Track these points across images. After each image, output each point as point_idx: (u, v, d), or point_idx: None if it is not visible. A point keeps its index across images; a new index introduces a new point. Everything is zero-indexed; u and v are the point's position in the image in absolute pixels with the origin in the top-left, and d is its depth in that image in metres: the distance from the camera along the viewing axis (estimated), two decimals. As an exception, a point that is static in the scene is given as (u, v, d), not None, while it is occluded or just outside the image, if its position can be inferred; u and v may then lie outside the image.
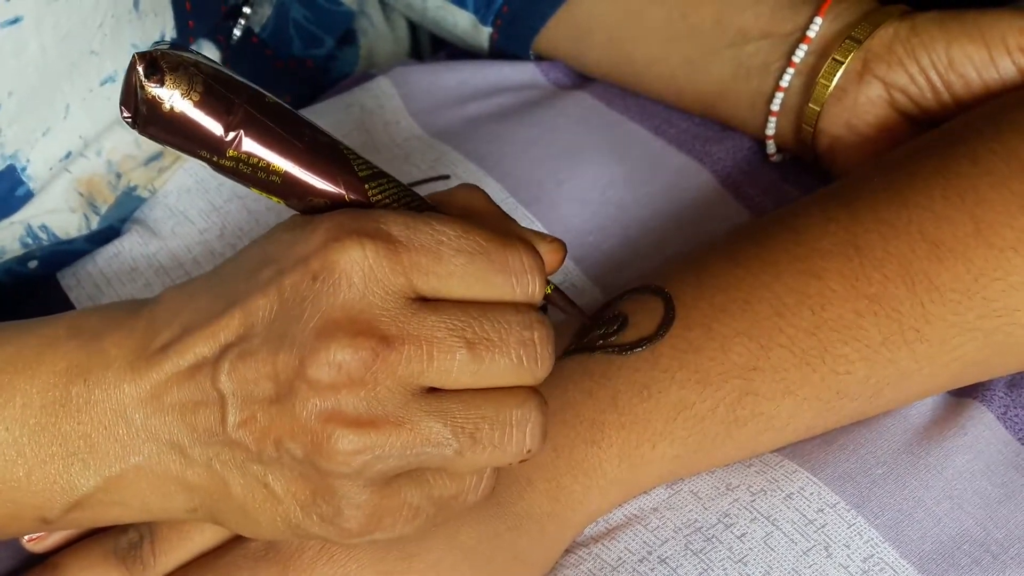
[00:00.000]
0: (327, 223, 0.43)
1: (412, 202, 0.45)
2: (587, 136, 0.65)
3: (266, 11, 0.65)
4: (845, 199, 0.56)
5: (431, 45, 0.73)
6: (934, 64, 0.60)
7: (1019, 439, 0.56)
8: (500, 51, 0.70)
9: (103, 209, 0.60)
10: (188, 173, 0.62)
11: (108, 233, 0.63)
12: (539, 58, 0.70)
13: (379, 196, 0.44)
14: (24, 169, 0.56)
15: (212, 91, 0.41)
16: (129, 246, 0.61)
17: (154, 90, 0.41)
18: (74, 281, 0.61)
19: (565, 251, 0.47)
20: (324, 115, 0.66)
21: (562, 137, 0.64)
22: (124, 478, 0.45)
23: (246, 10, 0.63)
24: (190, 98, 0.41)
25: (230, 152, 0.42)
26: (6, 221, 0.57)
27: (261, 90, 0.43)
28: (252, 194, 0.61)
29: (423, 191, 0.47)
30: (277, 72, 0.68)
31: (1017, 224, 0.54)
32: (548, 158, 0.63)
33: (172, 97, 0.41)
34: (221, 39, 0.63)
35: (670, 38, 0.66)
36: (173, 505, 0.45)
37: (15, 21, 0.51)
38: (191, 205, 0.61)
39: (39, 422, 0.44)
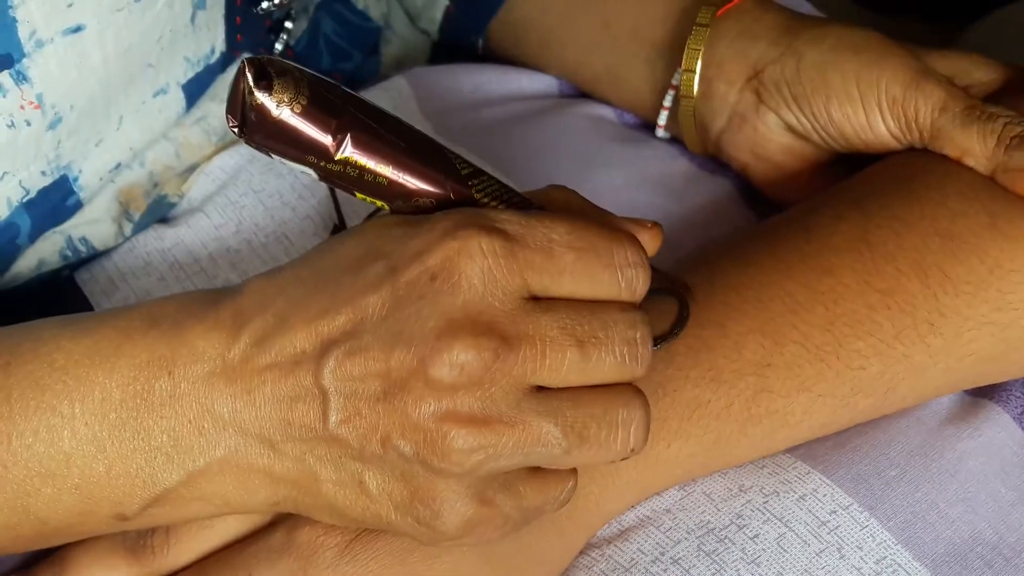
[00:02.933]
0: (444, 220, 0.43)
1: (513, 198, 0.46)
2: (600, 141, 0.65)
3: (302, 25, 0.66)
4: (856, 197, 0.56)
5: (448, 57, 0.73)
6: (815, 115, 0.60)
7: (1035, 441, 0.56)
8: (451, 33, 0.70)
9: (136, 217, 0.61)
10: (210, 176, 0.62)
11: None
12: (489, 51, 0.71)
13: (481, 194, 0.45)
14: (76, 180, 0.56)
15: (318, 97, 0.41)
16: (144, 241, 0.61)
17: (263, 97, 0.41)
18: (88, 275, 0.61)
19: (662, 234, 0.47)
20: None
21: (575, 141, 0.65)
22: (208, 472, 0.44)
23: (288, 24, 0.63)
24: (298, 103, 0.41)
25: (338, 156, 0.42)
26: (50, 231, 0.57)
27: (362, 97, 0.43)
28: (268, 189, 0.61)
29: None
30: None
31: None
32: (561, 161, 0.63)
33: (280, 104, 0.41)
34: (263, 52, 0.63)
35: (594, 45, 0.66)
36: (256, 499, 0.45)
37: (77, 29, 0.51)
38: (210, 204, 0.62)
39: (120, 416, 0.44)
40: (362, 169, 0.43)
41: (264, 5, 0.60)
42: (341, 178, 0.43)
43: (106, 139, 0.56)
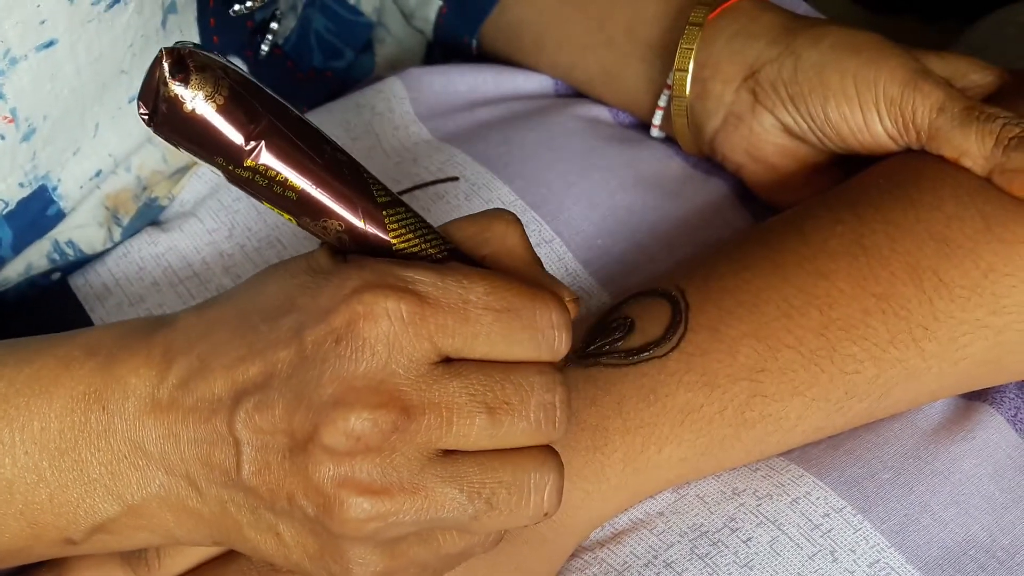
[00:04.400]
0: (354, 278, 0.42)
1: (428, 235, 0.44)
2: (596, 141, 0.65)
3: (290, 23, 0.66)
4: (851, 200, 0.56)
5: (443, 57, 0.73)
6: (812, 116, 0.59)
7: (1029, 443, 0.56)
8: (445, 33, 0.70)
9: (125, 221, 0.61)
10: (201, 179, 0.62)
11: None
12: (484, 52, 0.71)
13: (395, 225, 0.43)
14: (55, 189, 0.56)
15: (237, 97, 0.40)
16: (137, 246, 0.61)
17: (177, 88, 0.39)
18: (83, 281, 0.61)
19: (579, 306, 0.45)
20: (335, 114, 0.67)
21: (571, 142, 0.65)
22: (146, 507, 0.44)
23: (274, 25, 0.63)
24: (214, 101, 0.39)
25: (247, 162, 0.40)
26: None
27: (286, 104, 0.41)
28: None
29: (432, 193, 0.46)
30: (298, 84, 0.68)
31: None
32: (557, 161, 0.63)
33: (195, 98, 0.39)
34: (248, 54, 0.64)
35: (588, 46, 0.66)
36: (196, 535, 0.45)
37: (50, 44, 0.52)
38: (203, 208, 0.62)
39: (58, 447, 0.44)
40: (272, 180, 0.41)
41: (236, 7, 0.60)
42: (250, 185, 0.41)
43: (83, 147, 0.57)
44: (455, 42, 0.71)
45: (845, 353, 0.52)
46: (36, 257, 0.59)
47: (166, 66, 0.39)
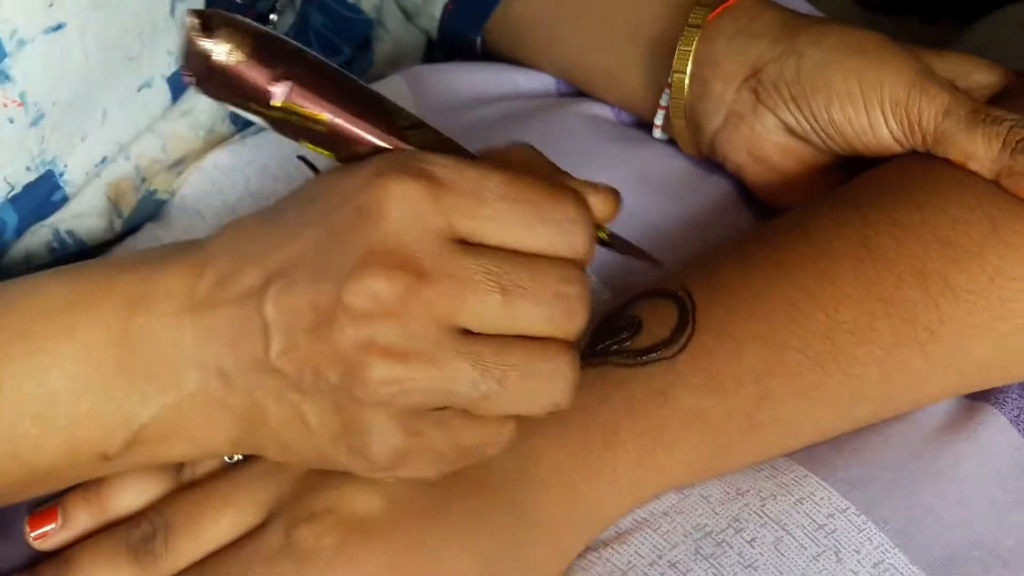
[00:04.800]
0: (375, 162, 0.44)
1: (456, 151, 0.47)
2: (597, 141, 0.65)
3: (288, 19, 0.66)
4: (856, 202, 0.56)
5: (445, 56, 0.73)
6: (815, 116, 0.59)
7: (1031, 444, 0.56)
8: (450, 30, 0.70)
9: (126, 213, 0.61)
10: (204, 175, 0.62)
11: (128, 236, 0.63)
12: (487, 50, 0.71)
13: (420, 145, 0.46)
14: (62, 175, 0.57)
15: (260, 45, 0.44)
16: (142, 243, 0.61)
17: (205, 44, 0.43)
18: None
19: (619, 197, 0.47)
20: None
21: (573, 140, 0.64)
22: (179, 407, 0.46)
23: (272, 17, 0.63)
24: (241, 51, 0.44)
25: (277, 103, 0.44)
26: (37, 224, 0.58)
27: (306, 49, 0.45)
28: (264, 193, 0.61)
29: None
30: None
31: None
32: (558, 161, 0.63)
33: (222, 51, 0.44)
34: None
35: (591, 44, 0.66)
36: (218, 436, 0.47)
37: (58, 28, 0.52)
38: (206, 205, 0.62)
39: (102, 356, 0.46)
40: (303, 116, 0.45)
41: None
42: (285, 126, 0.45)
43: (91, 134, 0.57)
44: (460, 40, 0.71)
45: (851, 356, 0.52)
46: (36, 247, 0.59)
47: (193, 24, 0.44)
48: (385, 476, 0.46)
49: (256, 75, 0.44)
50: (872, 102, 0.58)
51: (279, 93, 0.44)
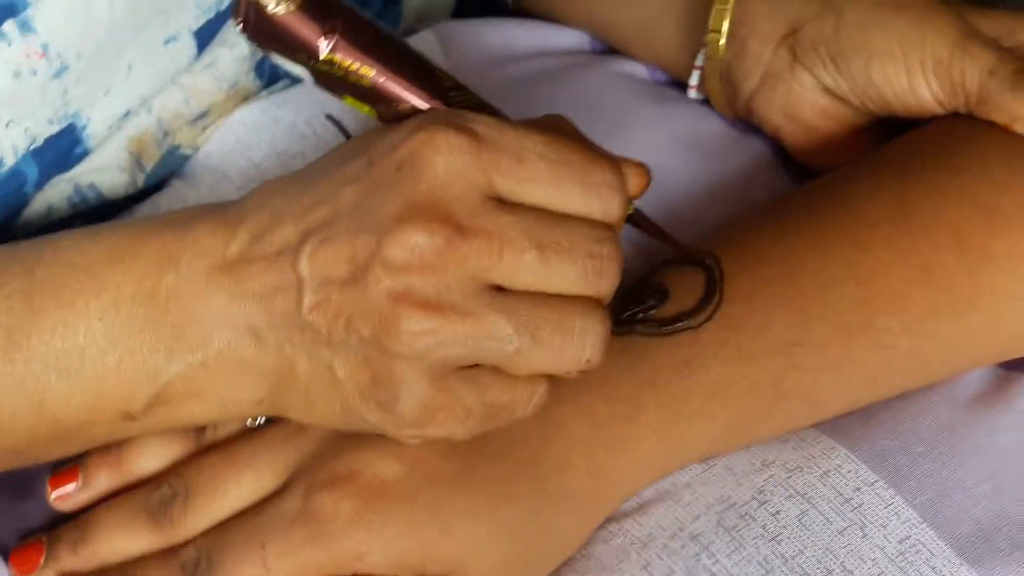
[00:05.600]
0: (418, 118, 0.45)
1: (495, 114, 0.47)
2: (630, 100, 0.64)
3: None
4: (895, 166, 0.55)
5: (477, 12, 0.72)
6: (854, 76, 0.58)
7: (1068, 416, 0.55)
8: None
9: (148, 168, 0.61)
10: (230, 130, 0.62)
11: (151, 192, 0.63)
12: (519, 7, 0.70)
13: (461, 105, 0.47)
14: (84, 128, 0.56)
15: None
16: (167, 202, 0.61)
17: None
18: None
19: (649, 176, 0.48)
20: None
21: (604, 100, 0.63)
22: (205, 366, 0.46)
23: None
24: (293, 1, 0.45)
25: (324, 55, 0.46)
26: (57, 178, 0.57)
27: (355, 7, 0.47)
28: (290, 152, 0.61)
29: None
30: None
31: None
32: (590, 121, 0.62)
33: (277, 3, 0.45)
34: None
35: (624, 3, 0.65)
36: (244, 396, 0.47)
37: None
38: (231, 164, 0.61)
39: (131, 312, 0.46)
40: (347, 71, 0.46)
41: None
42: (329, 79, 0.46)
43: (115, 87, 0.56)
44: None
45: (882, 327, 0.51)
46: (57, 200, 0.58)
47: None
48: (412, 434, 0.46)
49: (307, 27, 0.45)
50: (913, 62, 0.56)
51: (327, 46, 0.46)
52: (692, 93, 0.64)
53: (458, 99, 0.47)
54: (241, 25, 0.46)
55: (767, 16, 0.60)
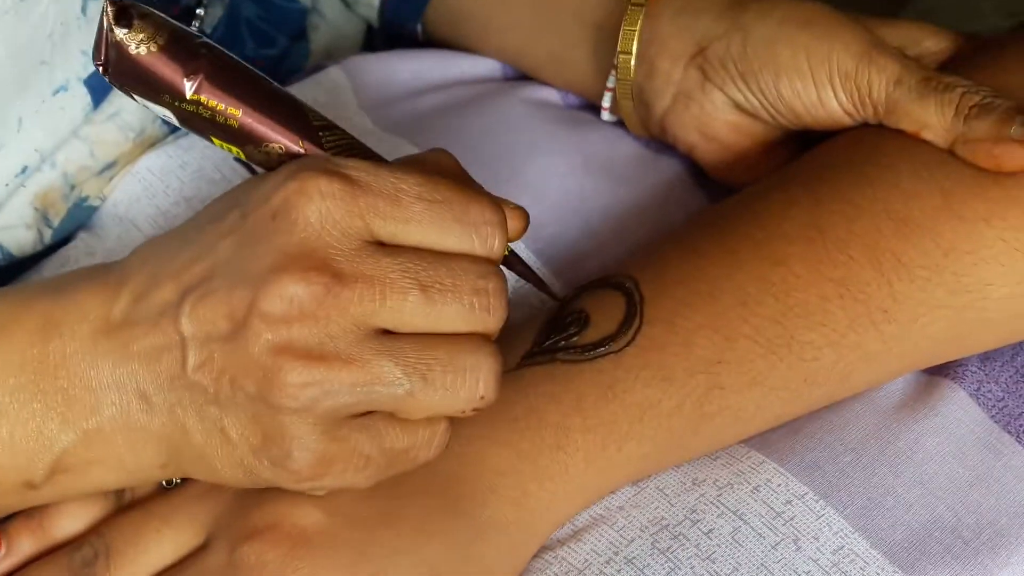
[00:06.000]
0: (290, 166, 0.45)
1: (368, 155, 0.47)
2: (544, 125, 0.64)
3: (217, 12, 0.64)
4: (806, 180, 0.55)
5: (387, 44, 0.71)
6: (764, 92, 0.58)
7: (992, 417, 0.55)
8: (389, 20, 0.69)
9: (55, 222, 0.60)
10: (136, 178, 0.61)
11: (60, 246, 0.62)
12: (428, 38, 0.70)
13: (332, 146, 0.46)
14: None
15: (176, 38, 0.45)
16: (75, 255, 0.60)
17: (122, 35, 0.44)
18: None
19: (527, 219, 0.48)
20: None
21: (519, 126, 0.63)
22: (100, 432, 0.45)
23: (199, 11, 0.62)
24: (155, 42, 0.44)
25: (189, 96, 0.45)
26: None
27: (221, 47, 0.46)
28: (199, 196, 0.60)
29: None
30: None
31: (989, 196, 0.53)
32: (505, 148, 0.62)
33: (139, 42, 0.44)
34: None
35: (535, 29, 0.65)
36: (145, 460, 0.46)
37: None
38: (139, 212, 0.61)
39: (19, 381, 0.45)
40: (214, 111, 0.45)
41: None
42: (195, 120, 0.45)
43: (7, 143, 0.56)
44: (400, 29, 0.69)
45: (803, 340, 0.52)
46: None
47: (110, 15, 0.44)
48: (312, 487, 0.45)
49: (170, 67, 0.45)
50: (821, 76, 0.57)
51: (192, 86, 0.45)
52: (605, 115, 0.64)
53: (330, 139, 0.46)
54: (102, 67, 0.45)
55: (675, 36, 0.60)
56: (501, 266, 0.47)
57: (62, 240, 0.60)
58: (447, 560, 0.48)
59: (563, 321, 0.53)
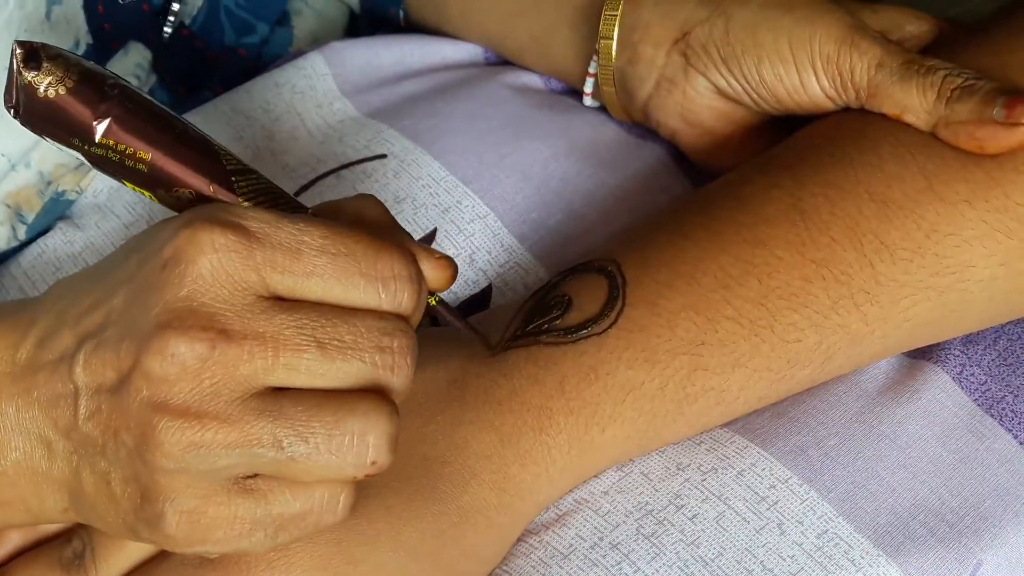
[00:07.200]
0: (187, 214, 0.43)
1: (280, 201, 0.45)
2: (528, 110, 0.63)
3: (196, 1, 0.63)
4: (788, 163, 0.55)
5: (369, 29, 0.71)
6: (746, 77, 0.58)
7: (975, 400, 0.55)
8: (371, 4, 0.69)
9: (30, 218, 0.59)
10: None
11: (37, 239, 0.61)
12: (411, 23, 0.69)
13: (246, 191, 0.45)
14: None
15: (85, 79, 0.43)
16: (53, 245, 0.59)
17: (30, 76, 0.43)
18: (-4, 284, 0.60)
19: (455, 270, 0.46)
20: (253, 95, 0.65)
21: (502, 111, 0.63)
22: (5, 475, 0.44)
23: (175, 6, 0.61)
24: (64, 85, 0.43)
25: (99, 139, 0.43)
26: None
27: (136, 88, 0.45)
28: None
29: (359, 172, 0.46)
30: (209, 64, 0.66)
31: (972, 177, 0.53)
32: (488, 133, 0.62)
33: (47, 84, 0.43)
34: (152, 38, 0.62)
35: (517, 14, 0.65)
36: (48, 505, 0.45)
37: None
38: (118, 200, 0.60)
39: None
40: (123, 154, 0.44)
41: None
42: (105, 163, 0.44)
43: None
44: (382, 13, 0.69)
45: (786, 322, 0.52)
46: None
47: (19, 57, 0.43)
48: (195, 552, 0.43)
49: (79, 109, 0.43)
50: (803, 60, 0.57)
51: (101, 129, 0.43)
52: (587, 100, 0.64)
53: (242, 184, 0.45)
54: (13, 111, 0.44)
55: (657, 21, 0.60)
56: (436, 314, 0.45)
57: (39, 233, 0.60)
58: (426, 545, 0.48)
59: (546, 305, 0.52)
